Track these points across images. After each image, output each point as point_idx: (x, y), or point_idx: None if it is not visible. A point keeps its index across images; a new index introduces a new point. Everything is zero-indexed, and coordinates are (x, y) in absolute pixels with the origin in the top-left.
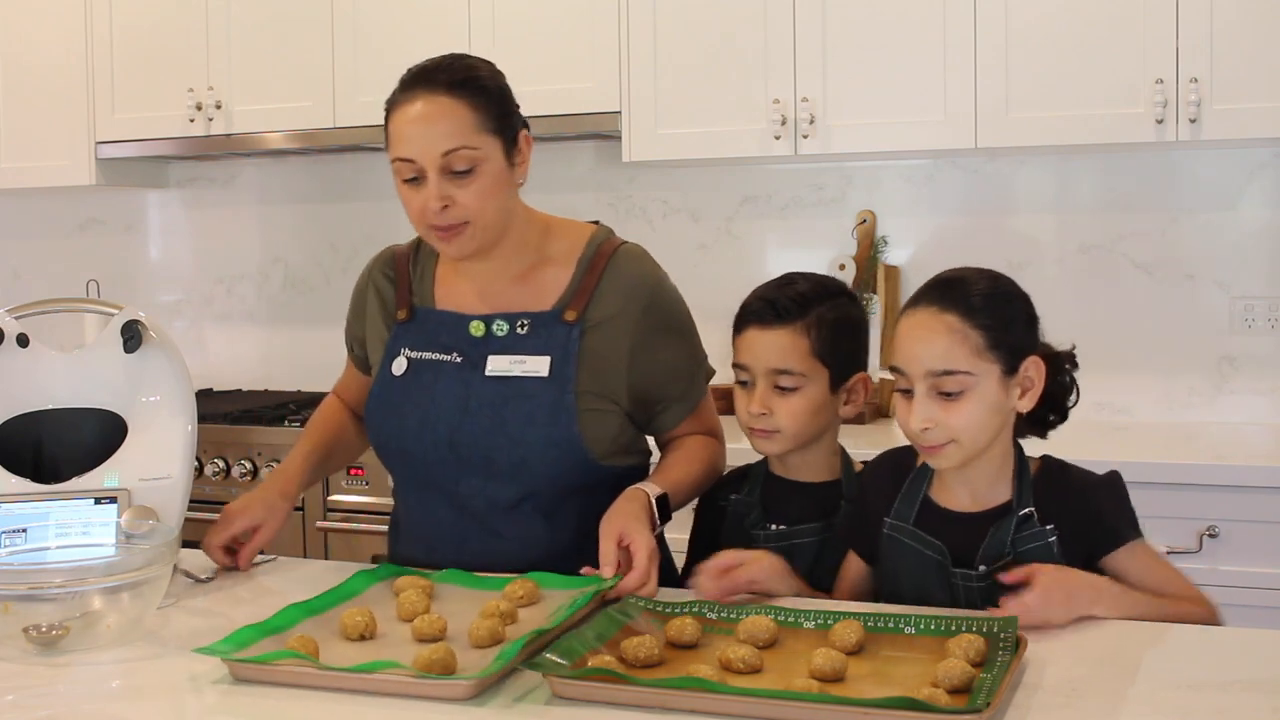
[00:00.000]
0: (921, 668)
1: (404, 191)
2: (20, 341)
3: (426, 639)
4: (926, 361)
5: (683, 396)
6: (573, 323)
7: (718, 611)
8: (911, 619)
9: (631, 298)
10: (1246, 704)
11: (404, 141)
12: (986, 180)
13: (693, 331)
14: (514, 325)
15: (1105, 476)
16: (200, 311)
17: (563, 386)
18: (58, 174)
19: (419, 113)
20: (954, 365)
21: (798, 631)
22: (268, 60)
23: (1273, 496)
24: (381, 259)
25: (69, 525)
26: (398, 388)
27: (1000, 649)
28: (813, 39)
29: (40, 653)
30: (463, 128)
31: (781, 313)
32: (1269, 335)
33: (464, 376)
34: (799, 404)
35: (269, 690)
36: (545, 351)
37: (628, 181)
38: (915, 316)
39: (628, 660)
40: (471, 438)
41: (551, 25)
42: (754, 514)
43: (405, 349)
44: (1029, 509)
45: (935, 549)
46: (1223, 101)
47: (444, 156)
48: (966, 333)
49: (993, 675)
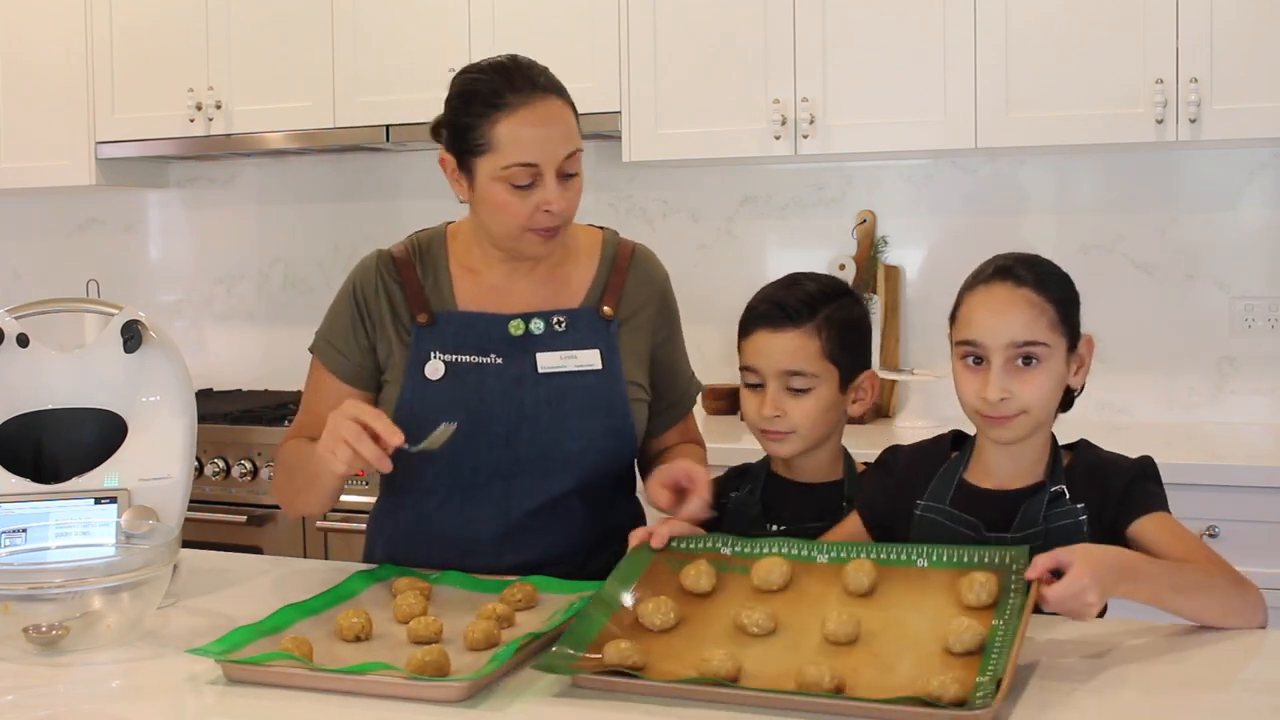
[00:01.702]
0: (935, 616)
1: (505, 197)
2: (20, 341)
3: (422, 641)
4: (1007, 333)
5: (679, 400)
6: (610, 318)
7: (733, 547)
8: (924, 549)
9: (652, 296)
10: (1246, 704)
11: (527, 148)
12: (986, 180)
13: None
14: (550, 323)
15: (1137, 460)
16: (200, 311)
17: (614, 378)
18: (58, 174)
19: (540, 116)
20: (1035, 336)
21: (811, 569)
22: (268, 60)
23: (1273, 496)
24: (380, 262)
25: (69, 525)
26: (437, 392)
27: (1012, 590)
28: (813, 39)
29: (40, 653)
30: (574, 129)
31: (792, 314)
32: (1269, 335)
33: (514, 375)
34: (811, 405)
35: (269, 691)
36: (592, 345)
37: (628, 181)
38: (992, 291)
39: (645, 625)
40: (530, 435)
41: (551, 25)
42: (754, 513)
43: (435, 352)
44: (1060, 486)
45: (969, 524)
46: (1223, 101)
47: (566, 159)
48: (1044, 306)
49: (996, 665)
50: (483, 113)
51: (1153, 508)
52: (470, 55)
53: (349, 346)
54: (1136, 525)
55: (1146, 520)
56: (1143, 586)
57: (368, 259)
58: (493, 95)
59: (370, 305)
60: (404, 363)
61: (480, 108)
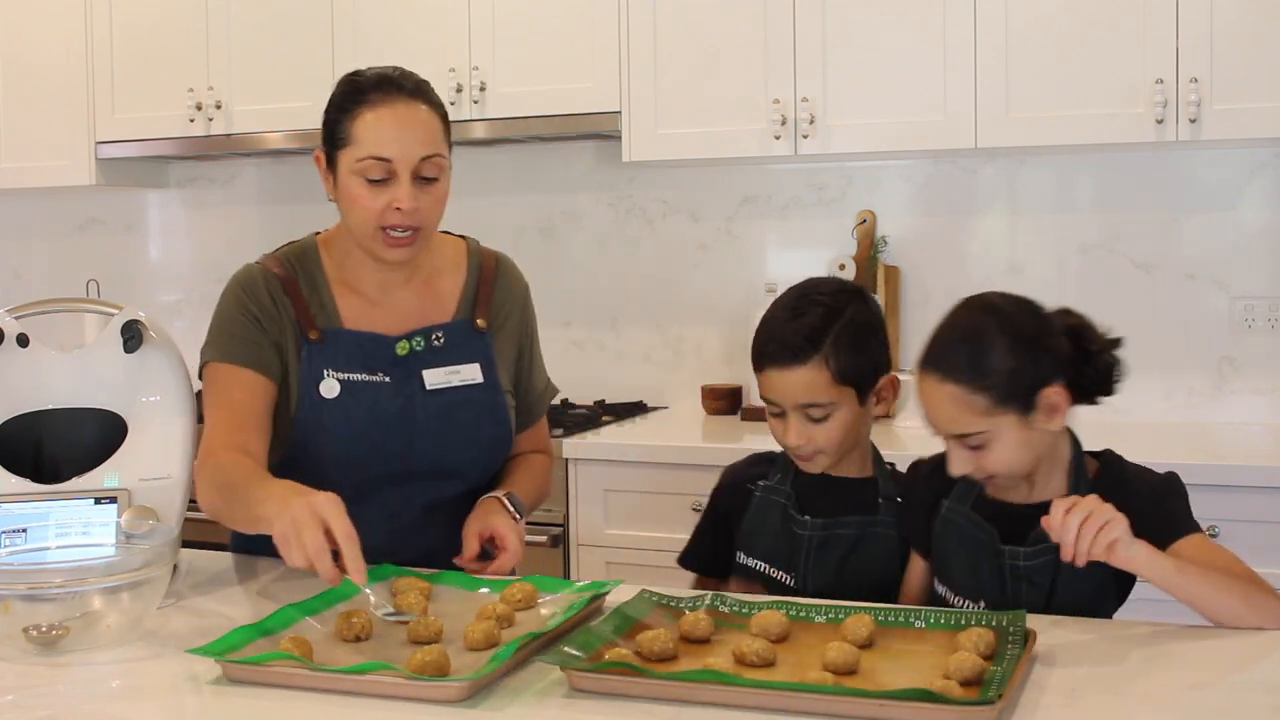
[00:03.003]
0: (933, 660)
1: (360, 190)
2: (20, 341)
3: (422, 641)
4: (941, 427)
5: (531, 407)
6: (484, 330)
7: (730, 606)
8: (921, 613)
9: (516, 304)
10: (1246, 704)
11: (381, 141)
12: (986, 180)
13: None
14: (429, 339)
15: (1164, 476)
16: (200, 311)
17: (494, 388)
18: (58, 174)
19: (400, 115)
20: (967, 429)
21: (809, 626)
22: (268, 60)
23: (1273, 496)
24: (265, 278)
25: (69, 525)
26: (334, 410)
27: (1009, 643)
28: (813, 39)
29: (40, 653)
30: (437, 136)
31: (797, 352)
32: (1269, 335)
33: (405, 393)
34: (834, 427)
35: (269, 691)
36: (472, 359)
37: (628, 181)
38: (922, 384)
39: (643, 654)
40: (422, 449)
41: (551, 25)
42: (785, 503)
43: (328, 370)
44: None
45: (986, 530)
46: (1223, 101)
47: (421, 161)
48: (970, 400)
49: (1003, 668)
50: (347, 108)
51: (1187, 530)
52: (470, 55)
53: (254, 338)
54: (1174, 549)
55: (1184, 544)
56: (1162, 558)
57: (249, 273)
58: (359, 93)
59: (266, 315)
60: (297, 377)
61: (346, 103)
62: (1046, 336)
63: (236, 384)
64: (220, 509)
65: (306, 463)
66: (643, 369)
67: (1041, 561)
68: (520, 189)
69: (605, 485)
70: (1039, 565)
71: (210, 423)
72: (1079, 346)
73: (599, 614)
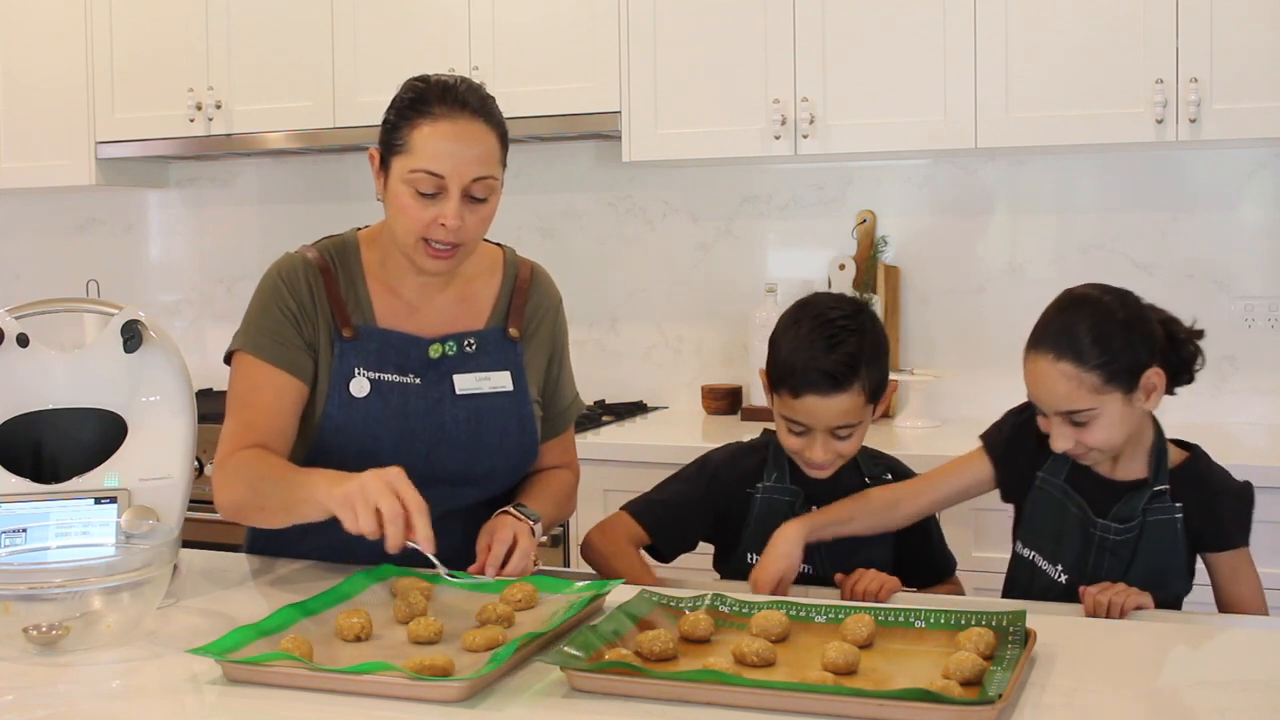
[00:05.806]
0: (933, 660)
1: (408, 200)
2: (20, 341)
3: (422, 641)
4: (1052, 404)
5: (557, 419)
6: (516, 339)
7: (730, 605)
8: (921, 613)
9: (548, 315)
10: (1246, 704)
11: (437, 157)
12: (986, 180)
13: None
14: (461, 345)
15: (1239, 484)
16: (200, 311)
17: (523, 398)
18: (58, 174)
19: (460, 131)
20: (1077, 405)
21: (809, 625)
22: (268, 60)
23: (1273, 496)
24: (305, 268)
25: (69, 525)
26: (363, 409)
27: (1009, 643)
28: (813, 39)
29: (40, 653)
30: (492, 157)
31: (840, 380)
32: (1269, 335)
33: (433, 396)
34: (856, 441)
35: (269, 691)
36: (503, 367)
37: (628, 181)
38: (1035, 363)
39: (643, 654)
40: (449, 454)
41: (551, 25)
42: (798, 502)
43: (359, 369)
44: (1164, 487)
45: (1077, 504)
46: (1223, 101)
47: (473, 182)
48: (1082, 377)
49: (1003, 668)
50: (408, 115)
51: (1236, 544)
52: (470, 55)
53: (289, 338)
54: (1216, 555)
55: (1227, 556)
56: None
57: (290, 262)
58: (421, 102)
59: (303, 312)
60: (328, 374)
61: (408, 110)
62: (1147, 324)
63: (268, 385)
64: (247, 502)
65: (329, 462)
66: (643, 369)
67: (1127, 538)
68: (520, 189)
69: (605, 485)
70: (1124, 540)
71: (234, 420)
72: (1169, 335)
73: (599, 614)
